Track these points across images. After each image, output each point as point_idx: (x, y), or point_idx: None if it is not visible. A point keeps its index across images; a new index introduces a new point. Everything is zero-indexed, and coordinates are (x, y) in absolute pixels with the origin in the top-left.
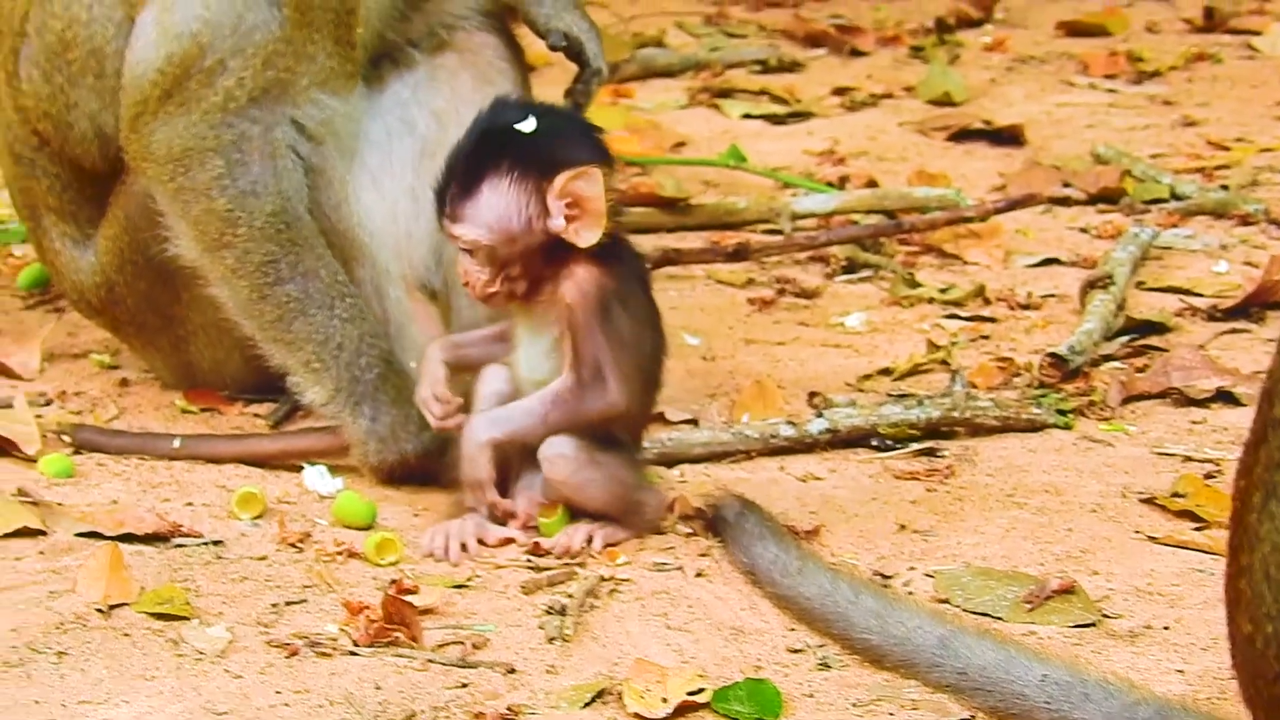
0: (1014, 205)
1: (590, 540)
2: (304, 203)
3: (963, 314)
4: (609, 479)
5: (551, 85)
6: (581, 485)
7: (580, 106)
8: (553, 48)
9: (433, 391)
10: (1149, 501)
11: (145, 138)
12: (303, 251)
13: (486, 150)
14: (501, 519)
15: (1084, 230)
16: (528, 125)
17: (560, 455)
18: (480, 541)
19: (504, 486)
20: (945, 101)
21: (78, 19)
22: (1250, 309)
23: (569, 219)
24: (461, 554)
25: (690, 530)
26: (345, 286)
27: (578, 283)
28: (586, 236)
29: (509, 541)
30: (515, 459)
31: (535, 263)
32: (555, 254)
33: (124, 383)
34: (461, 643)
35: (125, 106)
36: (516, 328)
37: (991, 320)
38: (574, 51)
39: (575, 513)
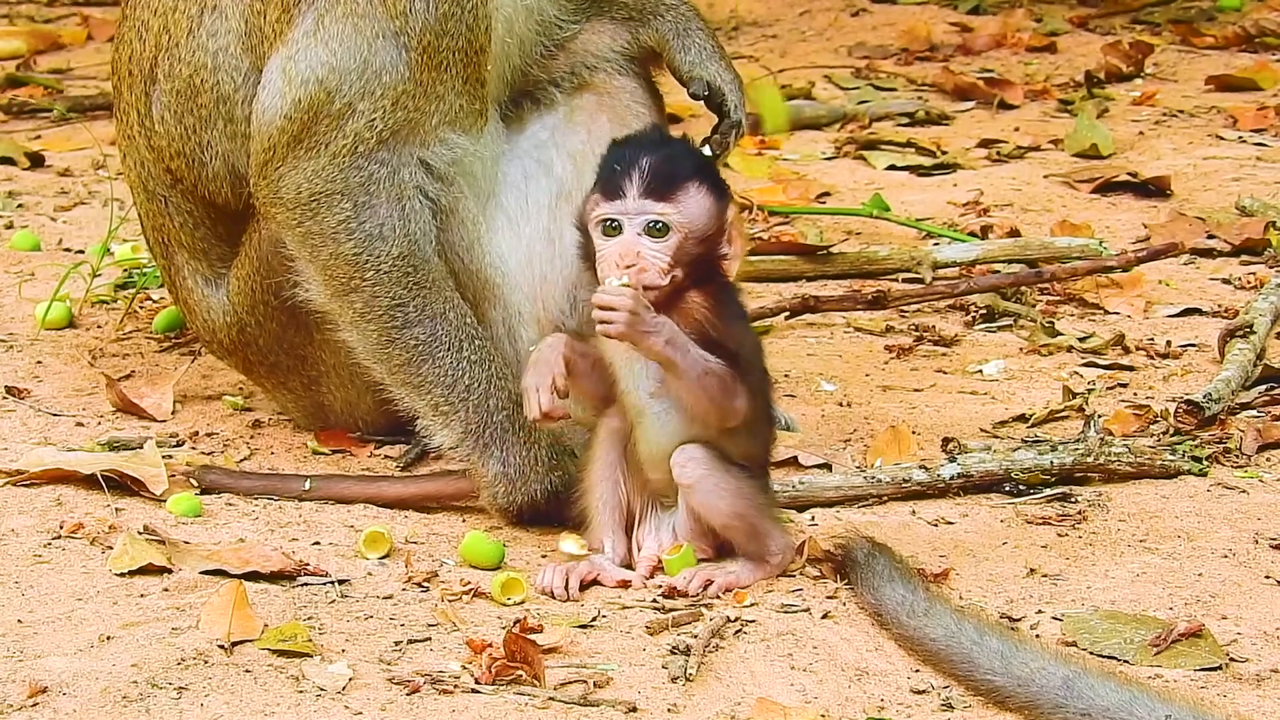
0: (1155, 255)
1: (708, 585)
2: (432, 245)
3: (1101, 362)
4: (738, 492)
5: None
6: (710, 491)
7: (716, 157)
8: (694, 96)
9: (548, 380)
10: None
11: (274, 183)
12: (431, 294)
13: (687, 155)
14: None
15: (1226, 281)
16: (710, 151)
17: (692, 459)
18: (596, 582)
19: (631, 530)
20: (1092, 154)
21: (204, 65)
22: None
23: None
24: (576, 593)
25: (819, 573)
26: (474, 329)
27: (705, 299)
28: (734, 268)
29: (625, 584)
30: (643, 502)
31: (693, 270)
32: (700, 273)
33: (256, 424)
34: (584, 681)
35: (254, 153)
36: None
37: (1130, 369)
38: (715, 102)
39: (699, 554)
